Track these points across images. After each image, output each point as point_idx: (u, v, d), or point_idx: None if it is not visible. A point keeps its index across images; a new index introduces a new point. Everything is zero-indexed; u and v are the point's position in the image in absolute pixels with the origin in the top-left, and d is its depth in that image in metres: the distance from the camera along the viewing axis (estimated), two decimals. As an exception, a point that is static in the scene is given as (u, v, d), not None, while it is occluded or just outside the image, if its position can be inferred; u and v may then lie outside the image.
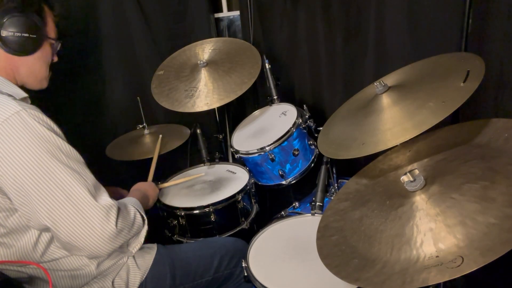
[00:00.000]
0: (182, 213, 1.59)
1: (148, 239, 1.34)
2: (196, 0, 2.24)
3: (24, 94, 1.13)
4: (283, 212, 1.66)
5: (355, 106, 1.21)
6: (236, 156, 1.73)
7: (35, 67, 1.16)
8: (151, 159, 1.77)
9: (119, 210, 1.08)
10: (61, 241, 1.03)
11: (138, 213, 1.19)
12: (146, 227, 1.20)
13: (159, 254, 1.29)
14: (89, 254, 1.04)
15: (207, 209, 1.57)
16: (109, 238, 1.03)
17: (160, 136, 1.88)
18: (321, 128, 1.28)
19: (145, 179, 1.63)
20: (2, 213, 1.01)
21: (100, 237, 1.01)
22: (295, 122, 1.64)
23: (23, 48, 1.10)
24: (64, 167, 1.00)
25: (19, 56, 1.11)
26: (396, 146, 1.02)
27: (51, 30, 1.18)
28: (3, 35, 1.06)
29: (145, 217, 1.21)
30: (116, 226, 1.04)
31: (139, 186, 1.49)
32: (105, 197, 1.07)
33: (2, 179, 0.97)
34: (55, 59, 1.24)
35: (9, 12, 1.06)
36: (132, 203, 1.21)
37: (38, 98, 1.20)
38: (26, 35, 1.09)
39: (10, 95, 1.05)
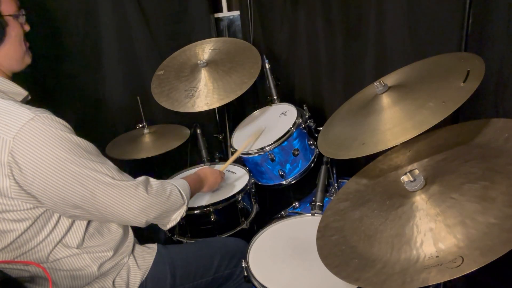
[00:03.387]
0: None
1: (148, 239, 1.35)
2: (196, 0, 2.24)
3: (24, 93, 1.12)
4: (283, 212, 1.66)
5: (355, 106, 1.21)
6: (236, 156, 1.73)
7: (11, 51, 1.11)
8: (152, 158, 1.77)
9: (147, 182, 1.15)
10: (100, 218, 1.11)
11: (176, 190, 1.23)
12: (185, 207, 1.25)
13: (159, 254, 1.29)
14: (133, 223, 1.14)
15: (207, 209, 1.57)
16: (143, 204, 1.10)
17: (265, 128, 1.77)
18: (321, 128, 1.28)
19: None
20: (17, 221, 1.02)
21: (137, 205, 1.09)
22: (295, 122, 1.64)
23: None
24: (87, 161, 1.03)
25: None
26: (396, 146, 1.02)
27: (7, 5, 1.08)
28: None
29: (185, 197, 1.25)
30: (146, 191, 1.11)
31: (201, 169, 1.53)
32: (130, 178, 1.12)
33: (33, 187, 0.98)
34: (27, 28, 1.15)
35: None
36: (173, 182, 1.26)
37: (39, 98, 1.20)
38: None
39: (13, 100, 1.04)
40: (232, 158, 1.70)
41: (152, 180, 1.19)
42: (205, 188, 1.49)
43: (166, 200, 1.18)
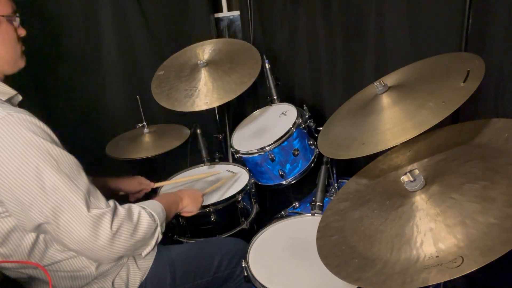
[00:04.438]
0: (182, 213, 1.59)
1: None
2: (196, 0, 2.24)
3: (12, 93, 1.08)
4: (283, 212, 1.66)
5: (355, 106, 1.21)
6: (236, 156, 1.73)
7: (2, 52, 1.08)
8: (152, 158, 1.77)
9: (114, 215, 1.02)
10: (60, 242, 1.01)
11: (145, 214, 1.10)
12: (159, 229, 1.13)
13: (159, 255, 1.29)
14: (91, 258, 1.04)
15: (207, 209, 1.57)
16: (105, 246, 0.99)
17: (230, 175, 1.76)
18: (321, 128, 1.28)
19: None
20: None
21: (93, 244, 0.98)
22: (295, 122, 1.64)
23: None
24: (54, 172, 0.96)
25: None
26: (396, 146, 1.02)
27: (1, 6, 1.07)
28: None
29: (157, 222, 1.12)
30: (112, 235, 1.00)
31: (183, 190, 1.41)
32: (98, 203, 1.01)
33: None
34: (22, 33, 1.13)
35: None
36: (146, 205, 1.15)
37: (39, 98, 1.19)
38: None
39: None
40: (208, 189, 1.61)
41: (113, 214, 1.03)
42: (180, 207, 1.34)
43: (135, 228, 1.06)
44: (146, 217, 1.10)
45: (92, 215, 0.98)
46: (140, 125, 1.98)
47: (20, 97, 1.12)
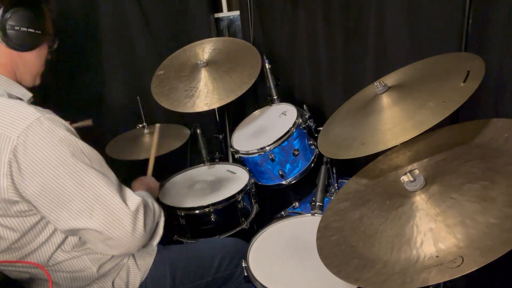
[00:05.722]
0: (182, 213, 1.59)
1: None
2: (196, 0, 2.24)
3: (30, 94, 1.12)
4: (283, 212, 1.66)
5: (355, 106, 1.21)
6: (236, 156, 1.73)
7: (34, 63, 1.15)
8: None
9: (145, 207, 1.09)
10: (94, 240, 1.04)
11: (155, 204, 1.19)
12: (163, 217, 1.21)
13: (159, 255, 1.29)
14: (121, 253, 1.08)
15: (207, 209, 1.57)
16: (139, 239, 1.06)
17: (158, 125, 1.76)
18: (321, 128, 1.28)
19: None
20: (16, 218, 1.01)
21: (132, 239, 1.04)
22: (295, 122, 1.64)
23: (25, 43, 1.09)
24: (90, 169, 1.00)
25: (20, 51, 1.09)
26: (396, 146, 1.02)
27: (49, 27, 1.17)
28: (7, 28, 1.04)
29: (160, 207, 1.21)
30: (144, 228, 1.06)
31: (141, 179, 1.48)
32: (131, 197, 1.07)
33: (28, 189, 0.95)
34: (48, 56, 1.22)
35: (12, 6, 1.04)
36: (146, 196, 1.22)
37: (39, 98, 1.20)
38: (32, 30, 1.07)
39: (20, 99, 1.05)
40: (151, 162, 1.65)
41: (144, 207, 1.10)
42: (155, 194, 1.43)
43: (154, 220, 1.15)
44: (156, 205, 1.19)
45: (131, 210, 1.04)
46: (140, 125, 1.98)
47: (32, 99, 1.15)
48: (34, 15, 1.08)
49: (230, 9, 2.38)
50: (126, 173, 1.82)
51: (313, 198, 1.47)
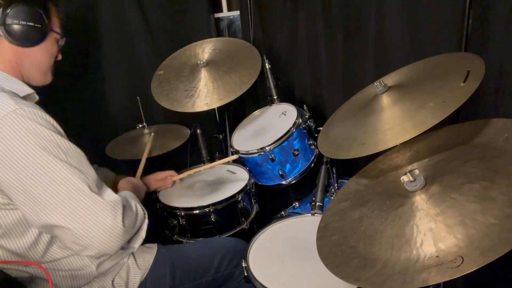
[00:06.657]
0: (182, 213, 1.59)
1: (148, 239, 1.34)
2: (196, 0, 2.24)
3: (30, 90, 1.11)
4: (283, 212, 1.66)
5: (355, 106, 1.21)
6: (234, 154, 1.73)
7: (40, 59, 1.14)
8: (152, 158, 1.77)
9: (124, 206, 1.05)
10: (67, 240, 1.00)
11: (138, 205, 1.16)
12: (147, 220, 1.16)
13: (159, 254, 1.29)
14: (97, 253, 1.00)
15: (207, 209, 1.57)
16: (118, 236, 1.00)
17: (152, 134, 1.89)
18: (321, 128, 1.28)
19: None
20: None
21: (109, 235, 0.98)
22: (295, 122, 1.64)
23: (28, 38, 1.08)
24: (63, 164, 0.97)
25: (24, 47, 1.09)
26: (396, 146, 1.02)
27: (55, 24, 1.16)
28: (8, 23, 1.04)
29: (145, 210, 1.17)
30: (123, 223, 1.01)
31: (128, 179, 1.45)
32: (109, 193, 1.05)
33: (2, 179, 0.96)
34: (59, 57, 1.22)
35: (13, 2, 1.05)
36: (130, 196, 1.19)
37: (38, 98, 1.20)
38: (31, 24, 1.07)
39: (13, 93, 1.04)
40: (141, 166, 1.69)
41: (123, 205, 1.06)
42: (141, 195, 1.42)
43: (135, 220, 1.10)
44: (139, 207, 1.15)
45: (107, 202, 1.00)
46: (140, 125, 1.98)
47: (37, 97, 1.15)
48: (35, 9, 1.08)
49: (230, 9, 2.38)
50: (126, 173, 1.82)
51: (313, 198, 1.47)
